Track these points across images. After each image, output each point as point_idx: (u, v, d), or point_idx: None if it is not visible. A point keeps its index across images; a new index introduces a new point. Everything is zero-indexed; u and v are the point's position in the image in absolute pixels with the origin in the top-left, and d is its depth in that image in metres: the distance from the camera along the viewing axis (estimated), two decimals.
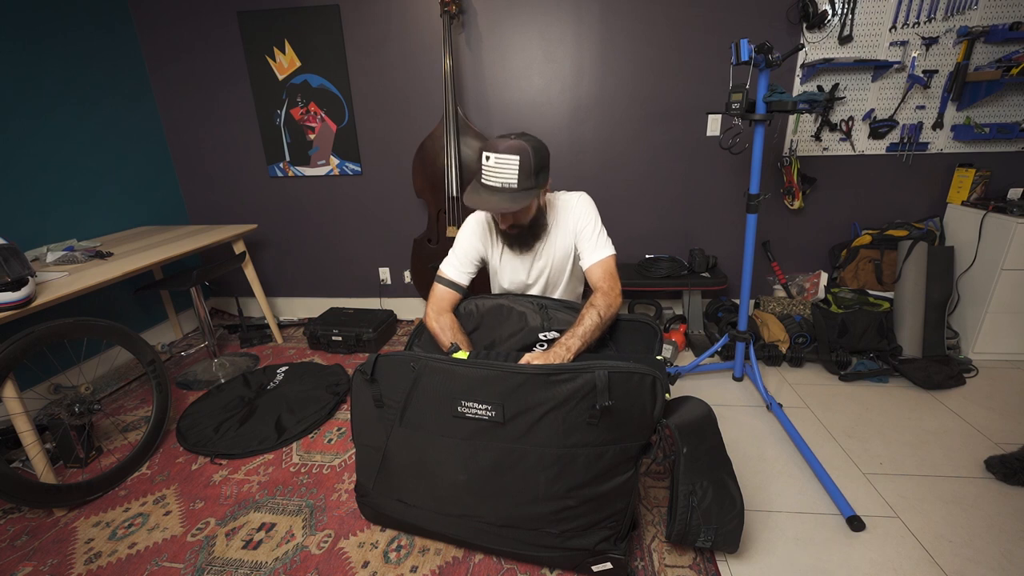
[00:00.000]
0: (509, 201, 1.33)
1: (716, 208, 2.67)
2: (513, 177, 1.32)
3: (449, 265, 1.56)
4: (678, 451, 1.19)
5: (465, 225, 1.61)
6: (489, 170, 1.33)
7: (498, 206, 1.34)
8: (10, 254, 1.48)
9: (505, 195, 1.33)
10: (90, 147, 2.45)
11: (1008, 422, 1.86)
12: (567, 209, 1.55)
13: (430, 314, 1.50)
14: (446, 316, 1.49)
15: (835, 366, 2.22)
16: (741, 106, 1.77)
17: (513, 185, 1.32)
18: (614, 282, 1.46)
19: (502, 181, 1.33)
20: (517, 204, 1.34)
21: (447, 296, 1.53)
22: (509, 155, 1.31)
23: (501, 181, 1.33)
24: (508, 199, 1.33)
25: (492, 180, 1.34)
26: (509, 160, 1.31)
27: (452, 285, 1.54)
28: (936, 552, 1.32)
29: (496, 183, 1.33)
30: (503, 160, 1.31)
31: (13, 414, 1.50)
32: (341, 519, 1.50)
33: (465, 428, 1.18)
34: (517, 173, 1.31)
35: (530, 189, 1.35)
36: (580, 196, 1.57)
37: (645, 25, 2.42)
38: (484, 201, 1.35)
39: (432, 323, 1.48)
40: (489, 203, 1.35)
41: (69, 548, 1.44)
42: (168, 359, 2.64)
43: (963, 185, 2.40)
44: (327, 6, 2.53)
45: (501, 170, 1.32)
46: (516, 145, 1.31)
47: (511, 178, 1.32)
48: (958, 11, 2.22)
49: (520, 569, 1.31)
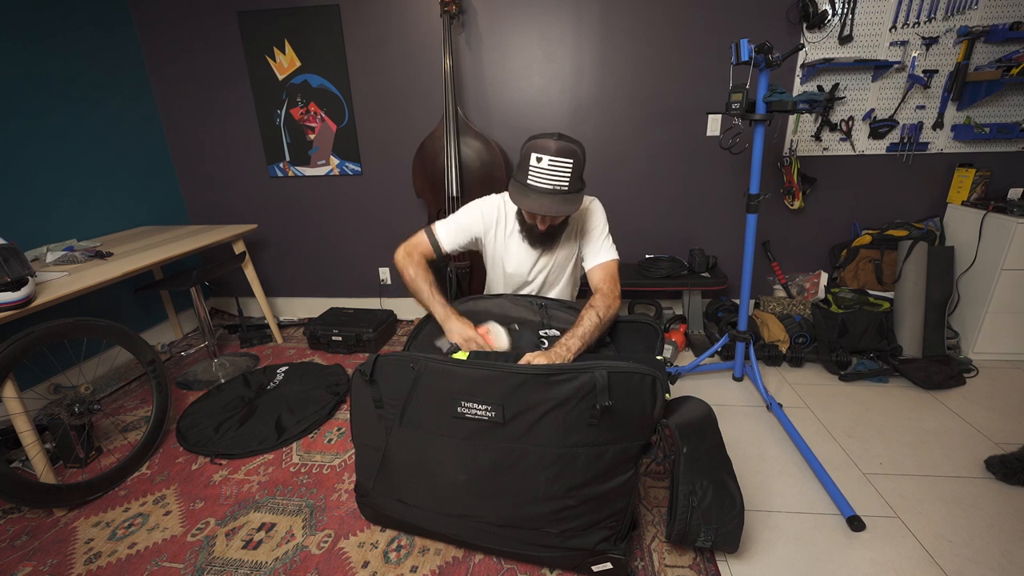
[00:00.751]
0: (564, 203, 1.32)
1: (716, 208, 2.67)
2: (566, 180, 1.30)
3: (444, 227, 1.56)
4: (678, 451, 1.19)
5: (475, 203, 1.58)
6: (541, 172, 1.30)
7: (558, 210, 1.33)
8: (10, 254, 1.48)
9: (558, 197, 1.32)
10: (90, 147, 2.45)
11: (1008, 422, 1.86)
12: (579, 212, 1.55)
13: (402, 251, 1.54)
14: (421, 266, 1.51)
15: (835, 366, 2.22)
16: (741, 106, 1.77)
17: (565, 188, 1.31)
18: (615, 285, 1.47)
19: (554, 184, 1.31)
20: (572, 207, 1.35)
21: (426, 250, 1.55)
22: (563, 158, 1.29)
23: (553, 184, 1.31)
24: (562, 201, 1.32)
25: (543, 182, 1.31)
26: (563, 163, 1.29)
27: (436, 244, 1.55)
28: (936, 552, 1.32)
29: (548, 186, 1.31)
30: (557, 163, 1.29)
31: (13, 414, 1.49)
32: (341, 519, 1.50)
33: (465, 428, 1.18)
34: (571, 176, 1.30)
35: (579, 191, 1.36)
36: (593, 200, 1.58)
37: (645, 25, 2.42)
38: (539, 204, 1.32)
39: (403, 260, 1.52)
40: (545, 206, 1.32)
41: (69, 548, 1.44)
42: (168, 359, 2.64)
43: (963, 185, 2.40)
44: (327, 6, 2.53)
45: (554, 173, 1.30)
46: (568, 148, 1.30)
47: (564, 181, 1.30)
48: (958, 11, 2.22)
49: (520, 569, 1.31)
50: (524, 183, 1.34)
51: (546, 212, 1.35)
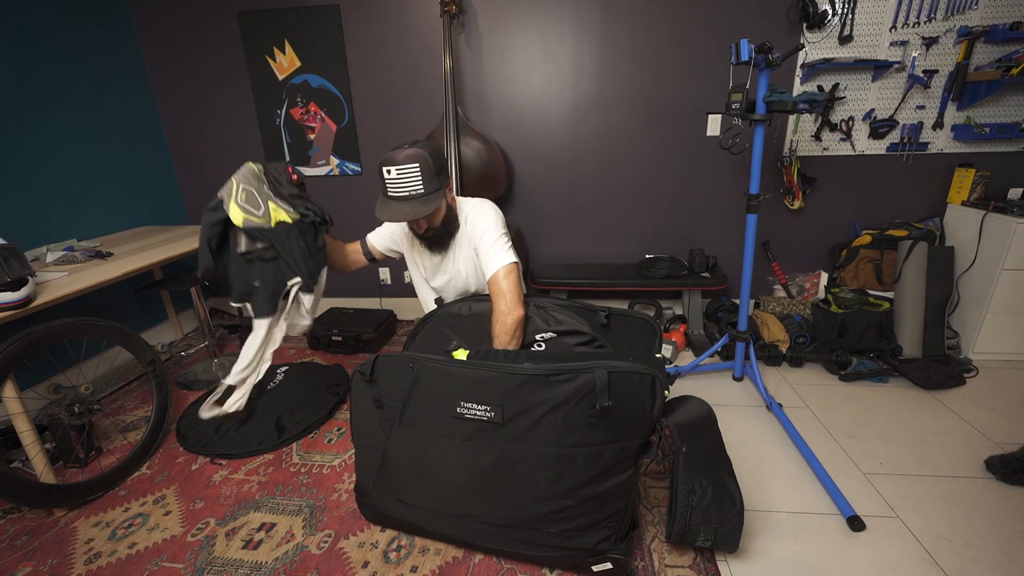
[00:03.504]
0: (421, 205, 1.39)
1: (716, 208, 2.67)
2: (418, 183, 1.37)
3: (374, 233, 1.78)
4: (677, 450, 1.20)
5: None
6: (393, 182, 1.38)
7: (412, 213, 1.38)
8: (10, 254, 1.48)
9: (416, 202, 1.39)
10: (90, 147, 2.45)
11: (1008, 422, 1.86)
12: (472, 216, 1.56)
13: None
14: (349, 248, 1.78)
15: (835, 366, 2.22)
16: (741, 106, 1.77)
17: (420, 191, 1.38)
18: (511, 295, 1.41)
19: (409, 190, 1.38)
20: (430, 206, 1.40)
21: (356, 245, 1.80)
22: (409, 164, 1.36)
23: (408, 190, 1.38)
24: (420, 204, 1.39)
25: (399, 191, 1.39)
26: (410, 168, 1.36)
27: (364, 242, 1.78)
28: (936, 552, 1.32)
29: (404, 192, 1.38)
30: (404, 170, 1.36)
31: (13, 414, 1.50)
32: (341, 519, 1.50)
33: (465, 429, 1.18)
34: (421, 178, 1.37)
35: (437, 191, 1.41)
36: (481, 202, 1.59)
37: (645, 25, 2.42)
38: (398, 212, 1.39)
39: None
40: (403, 212, 1.39)
41: (69, 548, 1.44)
42: (168, 359, 2.64)
43: (963, 185, 2.40)
44: (327, 6, 2.53)
45: (405, 179, 1.37)
46: (413, 153, 1.36)
47: (417, 185, 1.37)
48: (958, 11, 2.22)
49: (520, 569, 1.31)
50: (385, 196, 1.42)
51: (406, 218, 1.40)
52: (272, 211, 1.46)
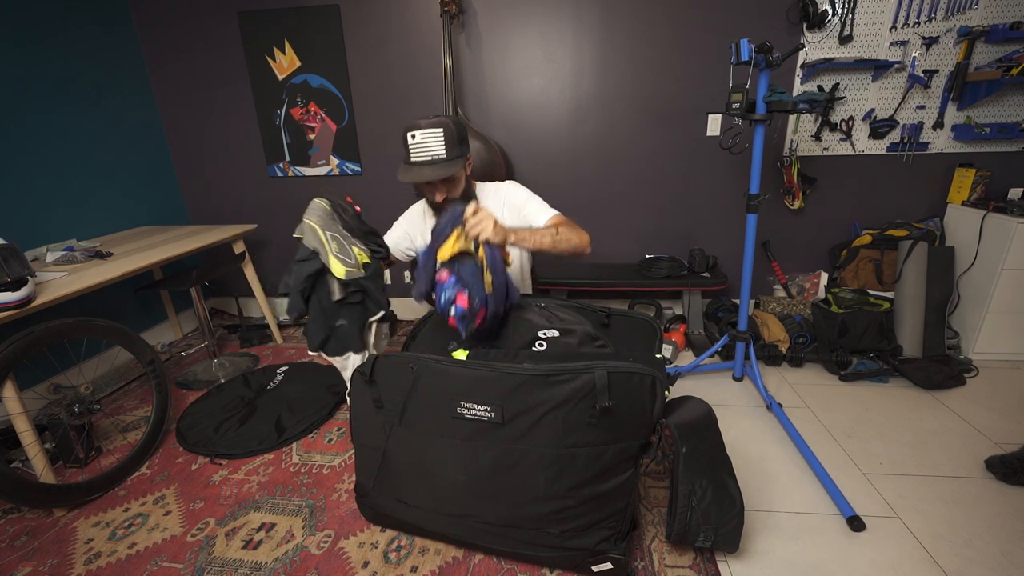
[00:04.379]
0: (445, 168, 1.42)
1: (716, 208, 2.67)
2: (441, 147, 1.41)
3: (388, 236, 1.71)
4: (677, 450, 1.19)
5: (405, 213, 1.74)
6: (417, 146, 1.42)
7: (433, 174, 1.41)
8: (10, 254, 1.48)
9: (437, 165, 1.42)
10: (90, 147, 2.45)
11: (1008, 422, 1.86)
12: (496, 192, 1.63)
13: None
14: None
15: (835, 366, 2.22)
16: (741, 106, 1.77)
17: (442, 155, 1.42)
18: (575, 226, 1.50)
19: (432, 154, 1.42)
20: (450, 170, 1.43)
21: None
22: (433, 128, 1.40)
23: (431, 154, 1.42)
24: (441, 167, 1.42)
25: (422, 155, 1.42)
26: (435, 133, 1.40)
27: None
28: (936, 552, 1.32)
29: (426, 157, 1.42)
30: (429, 134, 1.40)
31: (13, 414, 1.50)
32: (341, 519, 1.50)
33: (464, 429, 1.18)
34: (443, 143, 1.41)
35: (458, 157, 1.46)
36: (508, 182, 1.68)
37: (645, 25, 2.42)
38: (419, 174, 1.42)
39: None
40: (423, 174, 1.42)
41: (69, 548, 1.44)
42: (168, 359, 2.64)
43: (963, 185, 2.40)
44: (327, 6, 2.53)
45: (429, 143, 1.41)
46: (438, 120, 1.42)
47: (439, 149, 1.41)
48: (958, 11, 2.22)
49: (520, 569, 1.31)
50: (408, 162, 1.46)
51: (426, 178, 1.42)
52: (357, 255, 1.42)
